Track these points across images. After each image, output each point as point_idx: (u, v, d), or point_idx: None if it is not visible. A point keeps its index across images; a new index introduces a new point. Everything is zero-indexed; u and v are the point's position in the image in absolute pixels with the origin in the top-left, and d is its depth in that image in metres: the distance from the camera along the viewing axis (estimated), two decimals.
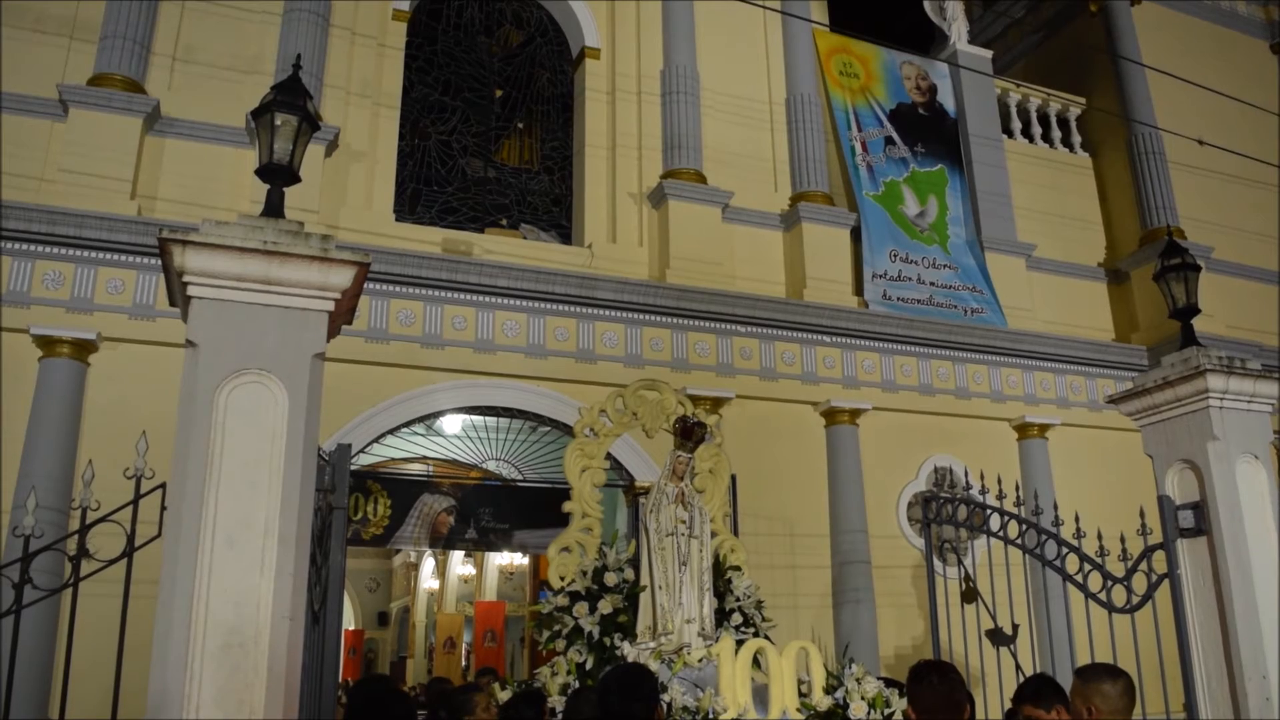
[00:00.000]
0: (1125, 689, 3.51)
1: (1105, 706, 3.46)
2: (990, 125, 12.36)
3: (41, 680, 6.83)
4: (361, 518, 9.10)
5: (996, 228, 11.82)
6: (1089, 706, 3.49)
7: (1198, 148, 11.56)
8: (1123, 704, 3.48)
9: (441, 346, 8.84)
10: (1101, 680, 3.53)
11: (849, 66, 11.82)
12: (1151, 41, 13.26)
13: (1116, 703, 3.47)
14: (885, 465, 10.30)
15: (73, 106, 8.13)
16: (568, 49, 11.11)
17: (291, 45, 8.87)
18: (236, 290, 4.06)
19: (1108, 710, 3.46)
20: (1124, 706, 3.48)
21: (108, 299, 7.90)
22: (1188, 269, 6.21)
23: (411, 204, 9.92)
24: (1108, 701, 3.47)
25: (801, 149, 11.00)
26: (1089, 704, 3.50)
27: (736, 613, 6.67)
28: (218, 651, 3.71)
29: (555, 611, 6.41)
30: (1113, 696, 3.48)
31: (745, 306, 9.81)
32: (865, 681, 5.88)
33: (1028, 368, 11.32)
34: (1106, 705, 3.47)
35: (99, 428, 7.61)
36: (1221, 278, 12.39)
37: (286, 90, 4.57)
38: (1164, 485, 5.95)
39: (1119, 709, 3.47)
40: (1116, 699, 3.48)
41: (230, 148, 8.71)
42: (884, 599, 9.72)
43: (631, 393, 7.07)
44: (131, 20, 8.51)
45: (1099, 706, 3.47)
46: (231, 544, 3.82)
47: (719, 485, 7.15)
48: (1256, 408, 5.85)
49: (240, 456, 3.93)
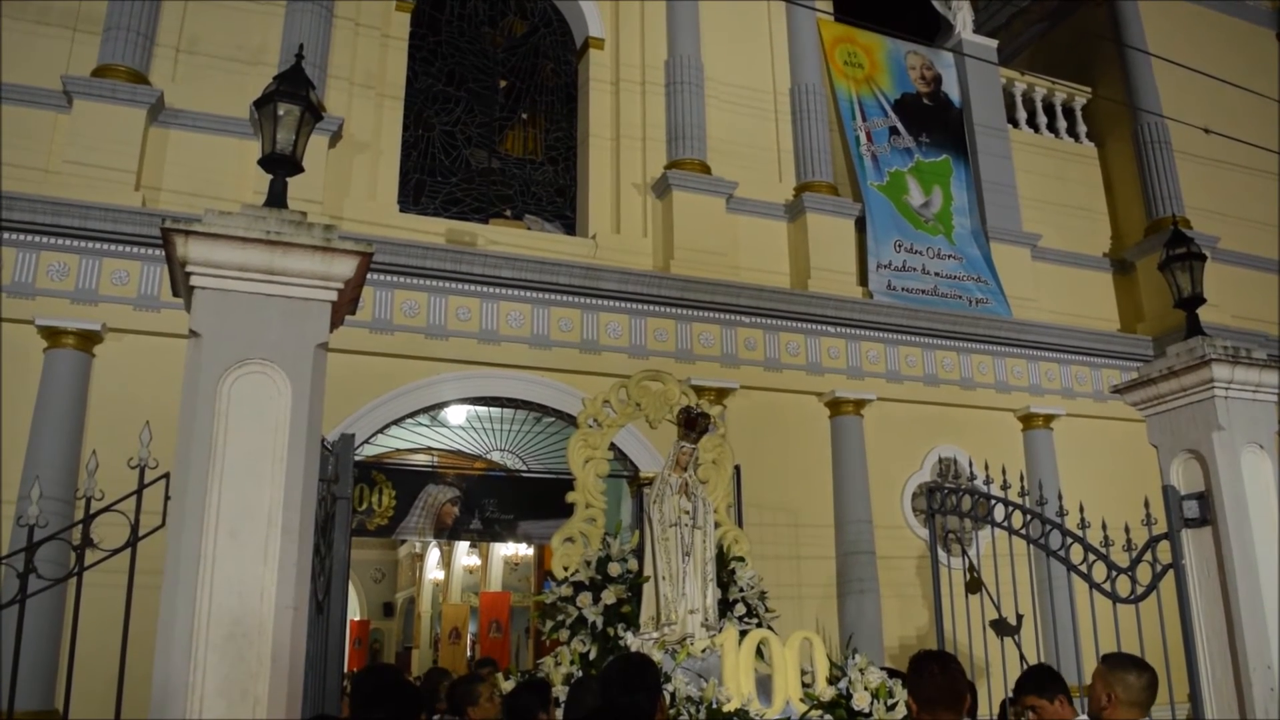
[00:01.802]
0: (1149, 683, 3.55)
1: (1127, 696, 3.50)
2: (995, 115, 12.31)
3: (46, 670, 6.86)
4: (366, 508, 9.13)
5: (1001, 218, 11.78)
6: (1110, 693, 3.53)
7: (1204, 137, 11.53)
8: (1143, 697, 3.51)
9: (446, 337, 8.85)
10: (1128, 670, 3.57)
11: (853, 56, 11.78)
12: (1157, 30, 13.20)
13: (1138, 695, 3.51)
14: (890, 456, 10.30)
15: (77, 98, 8.14)
16: (572, 39, 11.09)
17: (295, 36, 8.86)
18: (239, 280, 4.06)
19: (1128, 700, 3.50)
20: (1145, 700, 3.52)
21: (112, 290, 7.91)
22: (1193, 258, 6.19)
23: (416, 195, 9.92)
24: (1130, 692, 3.50)
25: (806, 139, 10.97)
26: (1110, 690, 3.54)
27: (740, 603, 6.68)
28: (221, 642, 3.72)
29: (559, 602, 6.42)
30: (1136, 688, 3.51)
31: (750, 297, 9.79)
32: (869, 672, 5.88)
33: (1032, 358, 11.29)
34: (1128, 695, 3.50)
35: (103, 418, 7.62)
36: (1227, 267, 12.36)
37: (289, 80, 4.57)
38: (1169, 475, 5.95)
39: (1139, 701, 3.50)
40: (1139, 691, 3.51)
41: (234, 139, 8.71)
42: (888, 589, 9.72)
43: (635, 383, 7.07)
44: (135, 11, 8.52)
45: (1119, 695, 3.51)
46: (235, 534, 3.83)
47: (723, 476, 7.14)
48: (1262, 397, 5.84)
49: (243, 447, 3.93)
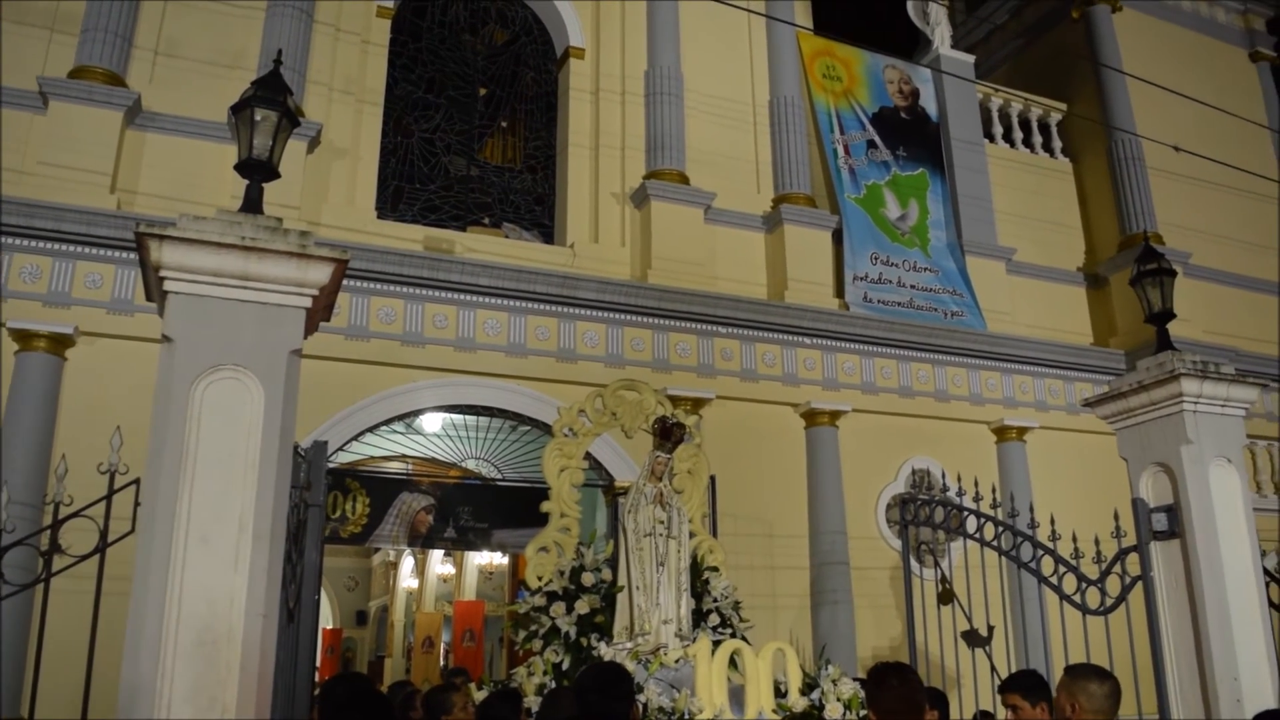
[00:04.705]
0: (1111, 691, 3.57)
1: (1090, 706, 3.53)
2: (972, 129, 12.42)
3: (13, 676, 6.78)
4: (340, 516, 9.07)
5: (977, 231, 11.88)
6: (1073, 702, 3.56)
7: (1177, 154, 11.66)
8: (1106, 705, 3.54)
9: (422, 344, 8.83)
10: (1089, 680, 3.59)
11: (832, 69, 11.86)
12: (1132, 48, 13.36)
13: (1101, 703, 3.53)
14: (864, 467, 10.34)
15: (53, 99, 8.08)
16: (552, 48, 11.11)
17: (274, 40, 8.84)
18: (214, 285, 4.03)
19: (1091, 709, 3.52)
20: (1108, 708, 3.54)
21: (85, 293, 7.85)
22: (1164, 274, 6.26)
23: (394, 201, 9.90)
24: (1093, 701, 3.53)
25: (784, 151, 11.02)
26: (1074, 700, 3.57)
27: (714, 613, 6.68)
28: (190, 649, 3.69)
29: (532, 611, 6.40)
30: (1098, 697, 3.53)
31: (726, 307, 9.82)
32: (841, 682, 5.91)
33: (1007, 371, 11.37)
34: (1091, 705, 3.52)
35: (74, 422, 7.55)
36: (1199, 283, 12.52)
37: (267, 86, 4.56)
38: (1138, 488, 6.00)
39: (1103, 710, 3.53)
40: (1101, 699, 3.53)
41: (212, 143, 8.66)
42: (862, 600, 9.75)
43: (611, 393, 7.07)
44: (113, 13, 8.46)
45: (1083, 704, 3.54)
46: (205, 541, 3.80)
47: (698, 486, 7.15)
48: (1230, 412, 5.91)
49: (215, 453, 3.91)
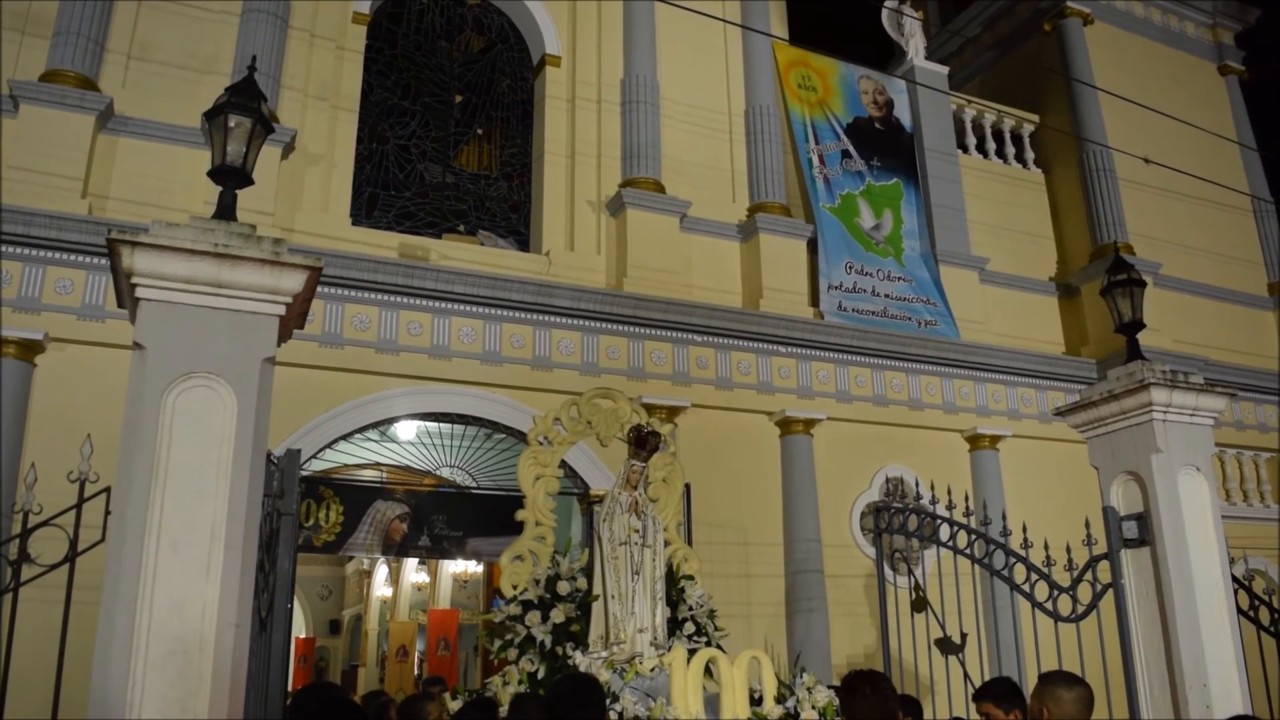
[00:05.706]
0: (1080, 697, 3.60)
1: (1059, 711, 3.57)
2: (946, 140, 12.52)
3: None
4: (313, 524, 9.01)
5: (950, 241, 11.97)
6: (1044, 708, 3.60)
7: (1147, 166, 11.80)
8: (1076, 710, 3.57)
9: (396, 352, 8.79)
10: (1058, 685, 3.64)
11: (807, 80, 11.93)
12: (1103, 61, 13.53)
13: (1070, 708, 3.56)
14: (839, 475, 10.38)
15: (23, 102, 8.00)
16: (528, 56, 11.12)
17: (249, 46, 8.80)
18: (186, 293, 4.00)
19: (1061, 715, 3.56)
20: (1078, 714, 3.58)
21: (56, 299, 7.77)
22: (1134, 284, 6.33)
23: (369, 208, 9.87)
24: (1061, 706, 3.56)
25: (760, 160, 11.08)
26: (1044, 705, 3.61)
27: (689, 622, 6.67)
28: (161, 659, 3.65)
29: (507, 620, 6.37)
30: (1066, 702, 3.57)
31: (702, 316, 9.84)
32: (816, 690, 5.92)
33: (980, 380, 11.46)
34: (1060, 710, 3.56)
35: (45, 430, 7.47)
36: (1169, 293, 12.69)
37: (240, 92, 4.53)
38: (1109, 496, 6.07)
39: (1073, 715, 3.57)
40: (1070, 704, 3.57)
41: (185, 148, 8.60)
42: (836, 608, 9.78)
43: (586, 401, 7.06)
44: (86, 16, 8.40)
45: (1053, 710, 3.58)
46: (176, 549, 3.77)
47: (673, 494, 7.15)
48: (1199, 421, 5.98)
49: (187, 461, 3.88)
